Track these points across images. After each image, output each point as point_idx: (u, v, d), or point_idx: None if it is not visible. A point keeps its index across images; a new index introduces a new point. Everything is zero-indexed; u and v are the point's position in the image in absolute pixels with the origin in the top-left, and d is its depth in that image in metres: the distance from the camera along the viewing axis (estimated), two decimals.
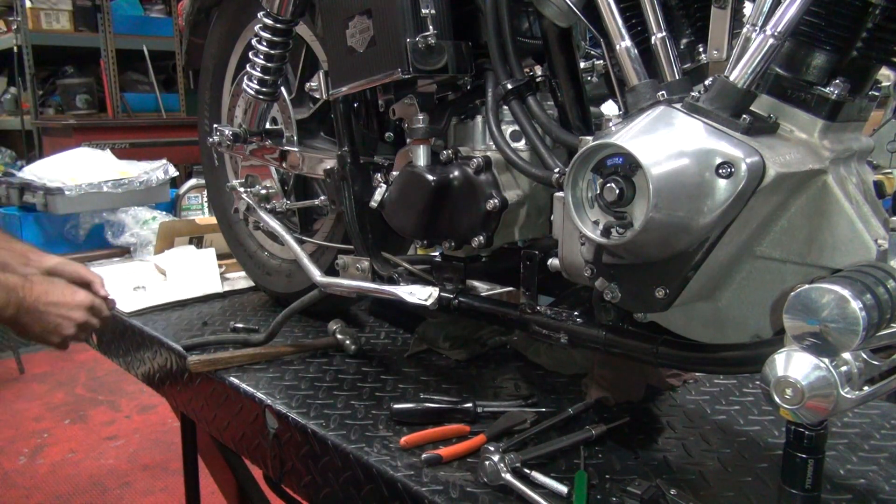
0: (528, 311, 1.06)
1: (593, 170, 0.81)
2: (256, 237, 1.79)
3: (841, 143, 0.83)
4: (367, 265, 1.30)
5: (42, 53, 5.12)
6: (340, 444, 1.07)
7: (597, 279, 0.89)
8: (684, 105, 0.80)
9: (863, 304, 0.65)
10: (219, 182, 1.85)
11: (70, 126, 5.06)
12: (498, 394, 1.25)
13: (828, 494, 0.94)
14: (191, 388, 1.44)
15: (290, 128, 1.57)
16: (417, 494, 0.95)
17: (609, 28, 0.90)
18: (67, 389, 3.85)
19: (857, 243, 0.78)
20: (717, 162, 0.75)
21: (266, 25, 1.44)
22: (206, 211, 2.90)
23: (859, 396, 0.69)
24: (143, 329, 1.60)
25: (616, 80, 0.94)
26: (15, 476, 3.02)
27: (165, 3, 5.94)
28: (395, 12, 1.07)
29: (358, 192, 1.31)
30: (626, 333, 0.95)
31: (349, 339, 1.44)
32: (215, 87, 1.82)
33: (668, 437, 1.10)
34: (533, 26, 1.14)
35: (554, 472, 0.98)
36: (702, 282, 0.82)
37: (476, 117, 1.16)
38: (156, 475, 3.03)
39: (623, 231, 0.79)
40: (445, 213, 1.14)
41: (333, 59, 1.25)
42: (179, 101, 5.81)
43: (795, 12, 0.75)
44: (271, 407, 1.22)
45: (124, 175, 2.76)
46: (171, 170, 2.91)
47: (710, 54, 0.88)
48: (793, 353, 0.69)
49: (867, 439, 1.11)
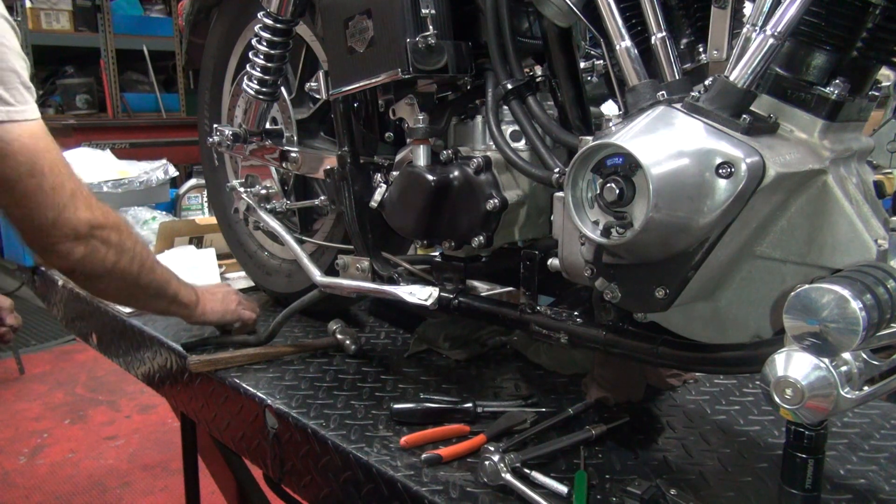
0: (528, 311, 1.06)
1: (593, 170, 0.81)
2: (256, 237, 1.78)
3: (841, 143, 0.83)
4: (367, 265, 1.30)
5: (42, 53, 5.11)
6: (340, 444, 1.07)
7: (597, 279, 0.89)
8: (684, 105, 0.80)
9: (863, 304, 0.65)
10: (219, 182, 1.85)
11: (70, 126, 5.06)
12: (498, 394, 1.25)
13: (828, 494, 0.94)
14: (191, 388, 1.44)
15: (290, 128, 1.57)
16: (417, 494, 0.95)
17: (609, 28, 0.90)
18: (67, 389, 3.85)
19: (857, 243, 0.78)
20: (717, 162, 0.75)
21: (266, 25, 1.44)
22: (206, 211, 2.90)
23: (859, 396, 0.69)
24: (143, 329, 1.60)
25: (616, 80, 0.94)
26: (15, 476, 3.02)
27: (165, 3, 5.95)
28: (395, 12, 1.07)
29: (358, 192, 1.31)
30: (626, 333, 0.95)
31: (349, 339, 1.44)
32: (215, 87, 1.82)
33: (668, 437, 1.10)
34: (533, 26, 1.14)
35: (554, 472, 0.98)
36: (702, 282, 0.82)
37: (476, 117, 1.16)
38: (156, 475, 3.03)
39: (623, 231, 0.79)
40: (445, 213, 1.14)
41: (333, 59, 1.25)
42: (179, 101, 5.81)
43: (795, 12, 0.75)
44: (271, 407, 1.22)
45: (124, 175, 2.76)
46: (171, 170, 2.91)
47: (710, 54, 0.88)
48: (793, 353, 0.69)
49: (867, 439, 1.11)
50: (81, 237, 1.16)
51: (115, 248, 1.22)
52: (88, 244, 1.18)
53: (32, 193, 1.12)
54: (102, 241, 1.19)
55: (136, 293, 1.32)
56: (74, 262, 1.18)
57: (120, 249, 1.23)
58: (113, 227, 1.21)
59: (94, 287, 1.30)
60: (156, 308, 1.40)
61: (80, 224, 1.16)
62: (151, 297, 1.35)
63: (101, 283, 1.25)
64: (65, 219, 1.14)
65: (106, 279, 1.24)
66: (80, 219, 1.16)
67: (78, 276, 1.24)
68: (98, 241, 1.19)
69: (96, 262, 1.20)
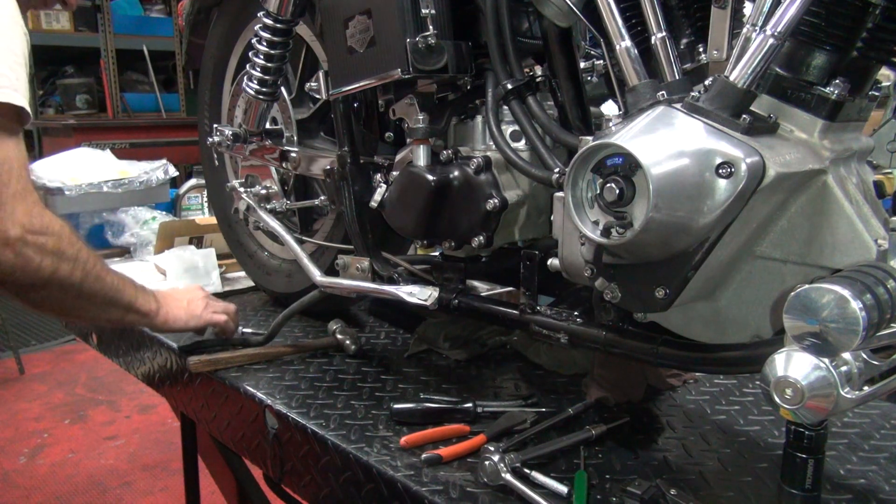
0: (528, 311, 1.06)
1: (593, 170, 0.81)
2: (256, 237, 1.79)
3: (841, 143, 0.83)
4: (367, 265, 1.30)
5: (42, 53, 5.12)
6: (340, 444, 1.07)
7: (597, 279, 0.89)
8: (684, 105, 0.80)
9: (863, 304, 0.65)
10: (219, 182, 1.85)
11: (70, 126, 5.06)
12: (498, 394, 1.25)
13: (828, 494, 0.94)
14: (191, 388, 1.44)
15: (290, 128, 1.57)
16: (417, 494, 0.95)
17: (609, 28, 0.90)
18: (67, 389, 3.85)
19: (857, 243, 0.78)
20: (717, 162, 0.75)
21: (266, 25, 1.43)
22: (206, 211, 2.90)
23: (859, 396, 0.69)
24: (143, 329, 1.60)
25: (616, 80, 0.94)
26: (15, 476, 3.02)
27: (165, 3, 5.95)
28: (395, 12, 1.07)
29: (358, 192, 1.31)
30: (626, 333, 0.95)
31: (349, 339, 1.44)
32: (215, 87, 1.82)
33: (668, 437, 1.10)
34: (533, 26, 1.14)
35: (554, 472, 0.98)
36: (702, 282, 0.82)
37: (476, 117, 1.16)
38: (156, 475, 3.03)
39: (623, 231, 0.79)
40: (445, 213, 1.14)
41: (333, 59, 1.25)
42: (179, 101, 5.82)
43: (795, 12, 0.75)
44: (271, 407, 1.22)
45: (124, 175, 2.76)
46: (171, 170, 2.91)
47: (710, 54, 0.88)
48: (793, 353, 0.69)
49: (867, 439, 1.11)
50: (11, 243, 1.07)
51: (53, 256, 1.12)
52: (19, 251, 1.08)
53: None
54: (37, 249, 1.10)
55: (80, 304, 1.21)
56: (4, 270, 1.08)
57: (59, 257, 1.13)
58: (52, 234, 1.12)
59: (29, 298, 1.17)
60: (109, 318, 1.29)
61: (11, 227, 1.06)
62: (100, 306, 1.24)
63: (36, 294, 1.15)
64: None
65: (42, 289, 1.14)
66: (15, 221, 1.07)
67: (9, 287, 1.12)
68: (31, 248, 1.09)
69: (29, 271, 1.10)
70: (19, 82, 1.08)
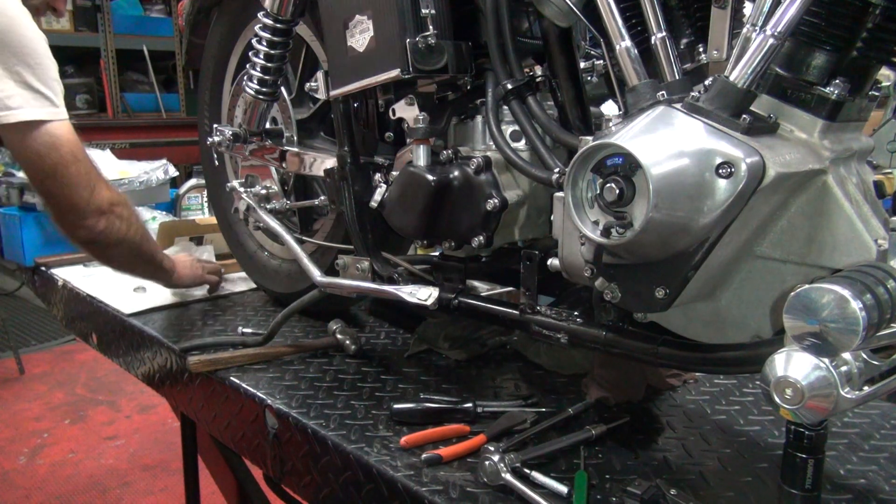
0: (528, 311, 1.06)
1: (593, 170, 0.81)
2: (256, 237, 1.79)
3: (841, 143, 0.83)
4: (367, 265, 1.30)
5: None
6: (340, 444, 1.07)
7: (597, 279, 0.89)
8: (684, 105, 0.80)
9: (863, 304, 0.65)
10: (219, 182, 1.85)
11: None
12: (498, 394, 1.25)
13: (828, 494, 0.94)
14: (191, 388, 1.44)
15: (290, 128, 1.57)
16: (417, 494, 0.95)
17: (609, 28, 0.90)
18: (67, 389, 3.85)
19: (857, 243, 0.78)
20: (717, 162, 0.75)
21: (266, 25, 1.44)
22: (206, 211, 2.90)
23: (859, 396, 0.69)
24: (143, 329, 1.60)
25: (616, 80, 0.94)
26: (15, 476, 3.02)
27: (165, 3, 5.95)
28: (395, 12, 1.07)
29: (358, 192, 1.31)
30: (626, 333, 0.95)
31: (349, 339, 1.44)
32: (215, 87, 1.82)
33: (668, 437, 1.10)
34: (533, 26, 1.14)
35: (554, 472, 0.98)
36: (702, 282, 0.82)
37: (476, 117, 1.16)
38: (156, 475, 3.03)
39: (623, 231, 0.79)
40: (445, 213, 1.14)
41: (333, 59, 1.25)
42: (179, 101, 5.82)
43: (795, 12, 0.75)
44: (271, 407, 1.22)
45: (124, 175, 2.77)
46: (171, 170, 2.91)
47: (710, 54, 0.88)
48: (793, 353, 0.69)
49: (867, 439, 1.11)
50: (104, 212, 1.45)
51: (126, 221, 1.49)
52: (108, 218, 1.46)
53: (74, 176, 1.41)
54: (117, 216, 1.47)
55: (137, 260, 1.59)
56: (97, 233, 1.45)
57: (129, 222, 1.50)
58: (123, 204, 1.50)
59: (106, 255, 1.56)
60: (145, 273, 1.66)
61: (103, 201, 1.45)
62: (146, 263, 1.61)
63: (113, 251, 1.52)
64: (95, 197, 1.43)
65: (117, 248, 1.51)
66: (104, 197, 1.45)
67: (97, 247, 1.50)
68: (114, 215, 1.47)
69: (113, 232, 1.47)
70: (60, 95, 1.46)
